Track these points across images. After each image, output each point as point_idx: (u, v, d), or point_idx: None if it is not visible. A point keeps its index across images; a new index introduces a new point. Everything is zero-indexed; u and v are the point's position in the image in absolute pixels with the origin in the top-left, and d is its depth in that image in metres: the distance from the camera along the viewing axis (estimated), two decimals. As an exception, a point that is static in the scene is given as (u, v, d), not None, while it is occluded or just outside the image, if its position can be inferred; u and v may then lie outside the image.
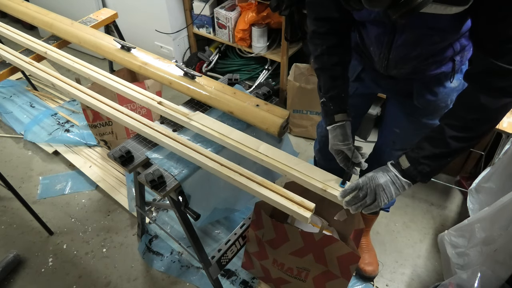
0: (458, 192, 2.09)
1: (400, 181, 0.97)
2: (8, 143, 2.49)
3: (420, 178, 0.97)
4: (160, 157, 1.20)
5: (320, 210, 1.56)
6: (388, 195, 0.97)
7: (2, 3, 1.94)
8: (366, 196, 0.98)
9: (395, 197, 0.99)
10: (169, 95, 2.53)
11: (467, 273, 1.35)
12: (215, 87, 1.38)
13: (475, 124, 0.88)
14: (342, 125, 1.09)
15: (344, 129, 1.09)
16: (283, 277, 1.49)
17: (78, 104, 2.66)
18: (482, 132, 0.90)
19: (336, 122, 1.10)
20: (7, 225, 2.00)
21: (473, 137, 0.90)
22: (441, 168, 0.97)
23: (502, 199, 1.37)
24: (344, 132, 1.09)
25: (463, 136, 0.89)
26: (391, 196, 0.98)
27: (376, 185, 0.97)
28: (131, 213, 2.03)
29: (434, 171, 0.96)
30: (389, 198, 0.98)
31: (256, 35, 2.40)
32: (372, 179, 0.98)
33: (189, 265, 1.80)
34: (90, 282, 1.76)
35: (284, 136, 1.34)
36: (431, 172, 0.96)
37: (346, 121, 1.10)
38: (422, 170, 0.95)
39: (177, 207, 1.24)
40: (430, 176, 0.97)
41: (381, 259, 1.79)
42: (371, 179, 0.98)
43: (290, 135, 2.46)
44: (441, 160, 0.94)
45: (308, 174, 1.09)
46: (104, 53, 1.58)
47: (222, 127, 1.25)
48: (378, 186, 0.97)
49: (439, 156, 0.93)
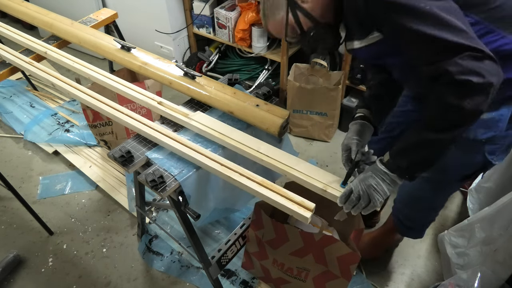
0: (458, 192, 2.09)
1: (390, 176, 0.97)
2: (8, 143, 2.49)
3: (399, 173, 0.96)
4: (160, 157, 1.20)
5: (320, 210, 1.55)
6: (381, 193, 0.98)
7: (2, 3, 1.94)
8: (360, 198, 0.99)
9: (389, 193, 0.99)
10: (169, 95, 2.53)
11: (467, 273, 1.35)
12: (215, 87, 1.38)
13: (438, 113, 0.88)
14: (362, 123, 1.15)
15: (361, 127, 1.14)
16: (283, 277, 1.49)
17: (78, 104, 2.66)
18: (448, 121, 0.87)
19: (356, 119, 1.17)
20: (7, 225, 2.00)
21: (441, 127, 0.87)
22: (419, 163, 0.94)
23: (502, 199, 1.37)
24: (360, 129, 1.14)
25: (430, 126, 0.89)
26: (385, 193, 0.98)
27: (366, 186, 0.98)
28: (131, 213, 2.03)
29: (412, 166, 0.94)
30: (383, 196, 0.98)
31: (256, 35, 2.40)
32: (362, 180, 0.99)
33: (189, 265, 1.80)
34: (90, 282, 1.76)
35: (284, 136, 1.34)
36: (409, 167, 0.94)
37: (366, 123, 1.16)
38: (400, 164, 0.95)
39: (177, 207, 1.24)
40: (409, 171, 0.95)
41: (381, 259, 1.79)
42: (362, 181, 1.00)
43: (290, 135, 2.46)
44: (414, 152, 0.92)
45: (308, 174, 1.09)
46: (104, 53, 1.58)
47: (222, 127, 1.25)
48: (368, 187, 0.98)
49: (412, 148, 0.93)
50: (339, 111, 2.36)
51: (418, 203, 1.45)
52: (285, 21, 1.04)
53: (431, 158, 0.93)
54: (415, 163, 0.94)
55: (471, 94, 0.82)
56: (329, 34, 1.04)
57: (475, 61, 0.81)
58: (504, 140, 1.11)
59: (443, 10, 0.83)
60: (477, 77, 0.80)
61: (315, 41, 1.03)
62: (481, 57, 0.82)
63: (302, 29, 1.03)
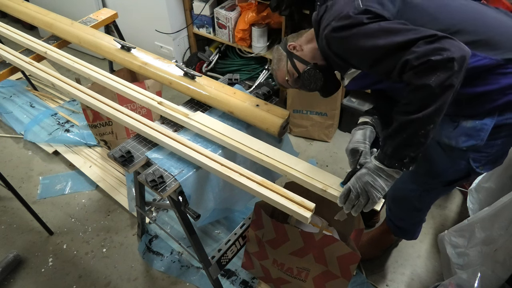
0: (458, 192, 2.09)
1: (385, 171, 0.97)
2: (8, 143, 2.49)
3: (388, 162, 0.96)
4: (160, 157, 1.20)
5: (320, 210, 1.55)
6: (379, 189, 0.98)
7: (2, 3, 1.94)
8: (359, 196, 0.99)
9: (387, 189, 0.99)
10: (169, 95, 2.53)
11: (467, 273, 1.35)
12: (215, 87, 1.38)
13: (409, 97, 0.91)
14: (366, 128, 1.17)
15: (366, 131, 1.17)
16: (283, 277, 1.49)
17: (78, 104, 2.66)
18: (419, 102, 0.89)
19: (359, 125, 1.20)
20: (7, 225, 2.00)
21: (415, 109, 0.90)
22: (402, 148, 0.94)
23: (502, 199, 1.37)
24: (365, 133, 1.16)
25: (404, 109, 0.92)
26: (383, 189, 0.98)
27: (363, 183, 0.98)
28: (131, 213, 2.03)
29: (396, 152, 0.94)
30: (381, 192, 0.98)
31: (256, 35, 2.40)
32: (359, 178, 1.00)
33: (189, 265, 1.80)
34: (90, 282, 1.76)
35: (284, 136, 1.34)
36: (394, 153, 0.95)
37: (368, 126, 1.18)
38: (386, 151, 0.96)
39: (177, 207, 1.24)
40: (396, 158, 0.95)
41: (381, 259, 1.79)
42: (358, 179, 1.00)
43: (290, 135, 2.46)
44: (396, 137, 0.94)
45: (308, 174, 1.09)
46: (104, 53, 1.58)
47: (222, 127, 1.25)
48: (365, 184, 0.98)
49: (394, 133, 0.94)
50: (339, 111, 2.36)
51: (404, 203, 1.50)
52: (285, 69, 1.26)
53: (413, 140, 0.93)
54: (398, 147, 0.94)
55: (434, 72, 0.86)
56: (319, 73, 1.19)
57: (430, 44, 0.88)
58: (491, 149, 1.13)
59: (389, 23, 0.96)
60: (435, 56, 0.86)
61: (308, 79, 1.21)
62: (435, 39, 0.88)
63: (298, 72, 1.23)
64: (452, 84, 0.86)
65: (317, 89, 1.25)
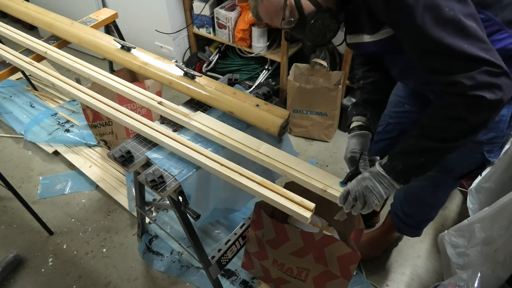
0: (458, 192, 2.09)
1: (387, 180, 0.96)
2: (8, 143, 2.49)
3: (394, 176, 0.95)
4: (160, 157, 1.20)
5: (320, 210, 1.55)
6: (377, 195, 0.98)
7: (2, 3, 1.94)
8: (357, 199, 0.99)
9: (385, 196, 0.98)
10: (169, 95, 2.53)
11: (467, 273, 1.35)
12: (215, 87, 1.38)
13: (441, 123, 0.86)
14: (362, 134, 1.13)
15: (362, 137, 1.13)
16: (283, 277, 1.49)
17: (78, 104, 2.66)
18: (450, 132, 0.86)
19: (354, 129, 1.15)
20: (7, 225, 2.00)
21: (442, 137, 0.87)
22: (414, 169, 0.93)
23: (502, 199, 1.37)
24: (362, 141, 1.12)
25: (431, 135, 0.88)
26: (381, 196, 0.98)
27: (363, 187, 0.98)
28: (131, 213, 2.03)
29: (407, 171, 0.93)
30: (378, 198, 0.98)
31: (256, 35, 2.40)
32: (360, 182, 0.99)
33: (189, 265, 1.80)
34: (90, 282, 1.76)
35: (284, 136, 1.34)
36: (404, 171, 0.93)
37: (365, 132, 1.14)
38: (395, 167, 0.94)
39: (177, 207, 1.24)
40: (404, 175, 0.94)
41: (381, 259, 1.79)
42: (359, 182, 0.99)
43: (290, 135, 2.46)
44: (412, 158, 0.92)
45: (308, 174, 1.09)
46: (104, 53, 1.58)
47: (222, 127, 1.25)
48: (365, 188, 0.98)
49: (410, 153, 0.92)
50: (339, 111, 2.36)
51: (417, 200, 1.46)
52: (283, 3, 0.94)
53: (426, 165, 0.92)
54: (410, 168, 0.93)
55: (480, 109, 0.81)
56: (334, 23, 0.96)
57: (491, 76, 0.79)
58: (502, 138, 1.13)
59: (465, 16, 0.80)
60: (491, 94, 0.78)
61: (319, 29, 0.96)
62: (498, 73, 0.79)
63: (302, 13, 0.95)
64: (487, 126, 0.83)
65: (324, 43, 1.00)
